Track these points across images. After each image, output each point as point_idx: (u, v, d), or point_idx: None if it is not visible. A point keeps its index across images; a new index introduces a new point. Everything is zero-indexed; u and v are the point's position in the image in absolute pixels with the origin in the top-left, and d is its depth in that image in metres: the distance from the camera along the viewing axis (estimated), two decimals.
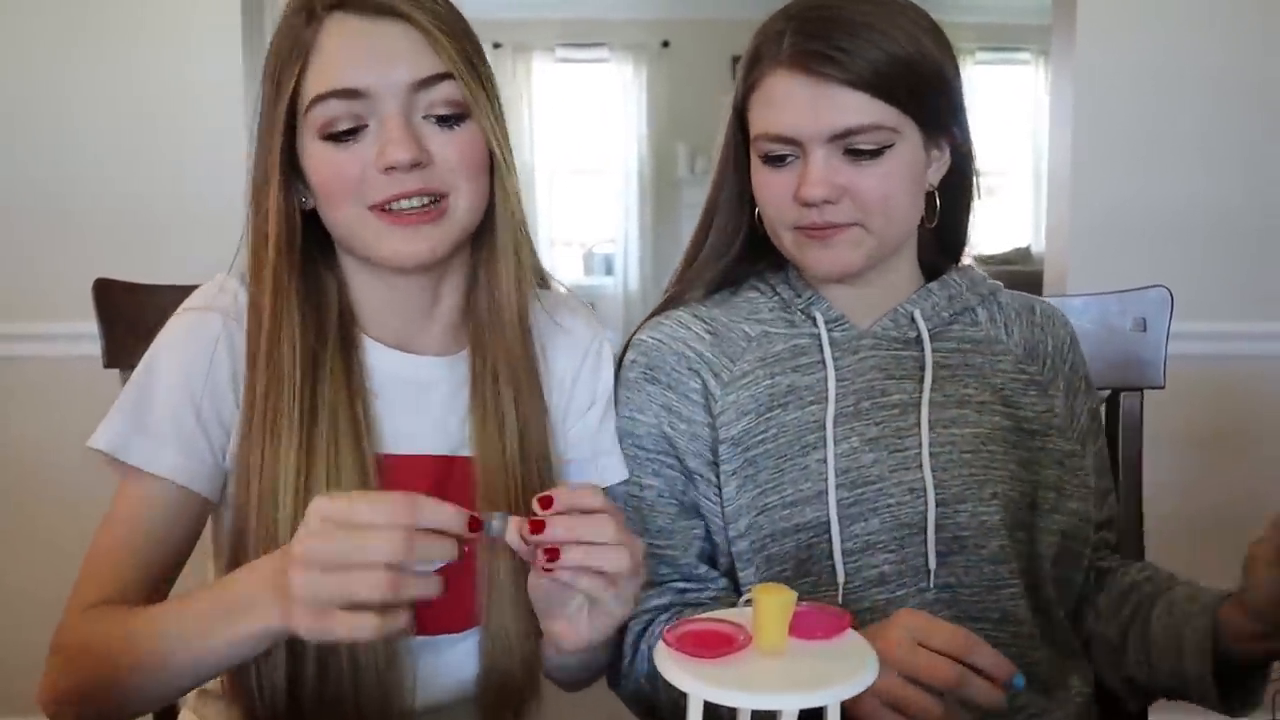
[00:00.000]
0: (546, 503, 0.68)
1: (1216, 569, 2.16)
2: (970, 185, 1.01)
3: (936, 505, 0.92)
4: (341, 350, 0.87)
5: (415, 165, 0.81)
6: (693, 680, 0.53)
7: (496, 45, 6.90)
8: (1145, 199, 2.12)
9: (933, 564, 0.93)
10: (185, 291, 1.16)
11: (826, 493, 0.92)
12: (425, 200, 0.83)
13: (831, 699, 0.53)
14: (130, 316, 1.18)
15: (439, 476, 0.90)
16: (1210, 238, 2.12)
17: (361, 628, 0.62)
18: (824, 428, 0.94)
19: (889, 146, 0.89)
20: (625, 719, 1.03)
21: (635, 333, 1.04)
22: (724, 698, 0.52)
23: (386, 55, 0.81)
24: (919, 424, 0.94)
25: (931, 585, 0.93)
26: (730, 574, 0.98)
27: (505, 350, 0.91)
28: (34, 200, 2.01)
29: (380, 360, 0.90)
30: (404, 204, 0.83)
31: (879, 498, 0.93)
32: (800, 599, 0.57)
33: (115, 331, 1.17)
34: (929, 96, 0.91)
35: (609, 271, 7.54)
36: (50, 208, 2.01)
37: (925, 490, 0.92)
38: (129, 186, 2.01)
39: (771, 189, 0.93)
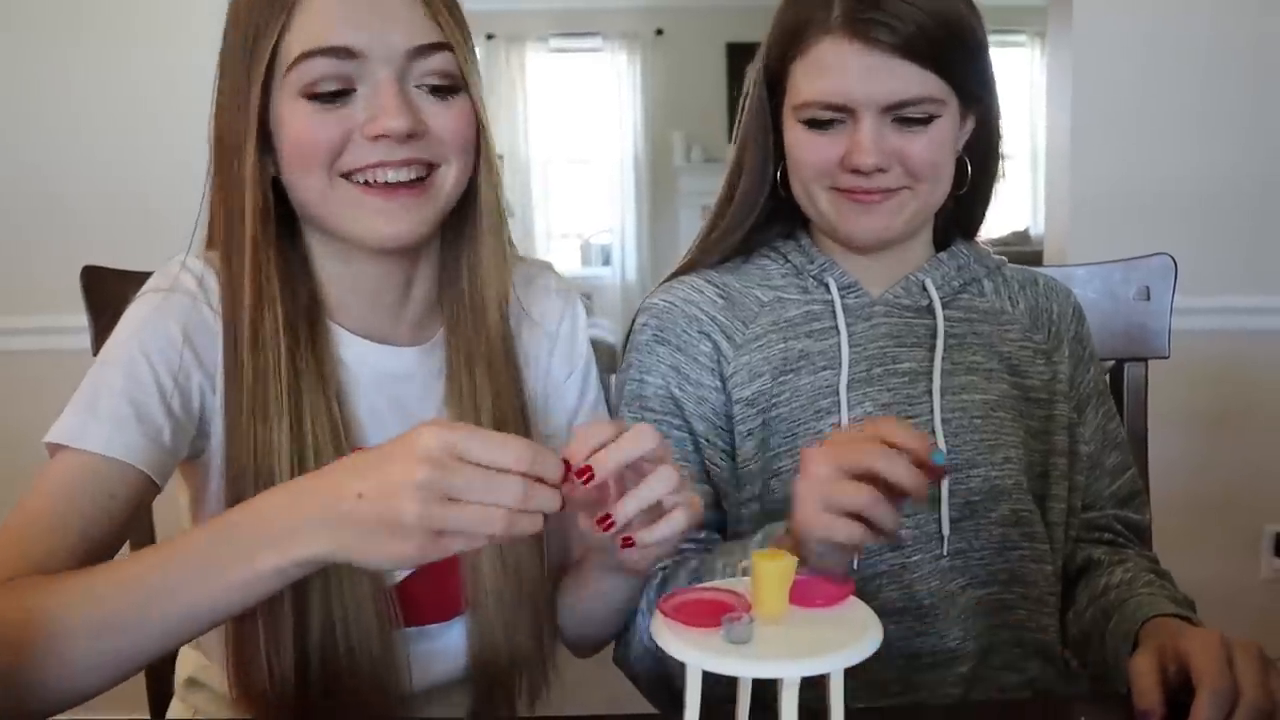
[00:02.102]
0: (585, 474, 0.63)
1: (1220, 542, 2.15)
2: (994, 156, 1.01)
3: (950, 471, 0.91)
4: (312, 340, 0.82)
5: (410, 136, 0.77)
6: (691, 650, 0.52)
7: (490, 36, 6.87)
8: (1144, 174, 2.10)
9: (946, 530, 0.92)
10: None
11: None
12: (414, 174, 0.78)
13: (834, 666, 0.52)
14: (120, 304, 1.15)
15: None
16: (1210, 212, 2.10)
17: (474, 538, 0.60)
18: (837, 393, 0.94)
19: (937, 117, 0.91)
20: (625, 703, 1.01)
21: (647, 297, 1.03)
22: (723, 667, 0.51)
23: (383, 16, 0.76)
24: (930, 391, 0.94)
25: (945, 551, 0.93)
26: None
27: (486, 336, 0.87)
28: (26, 194, 2.00)
29: (351, 351, 0.86)
30: (390, 175, 0.78)
31: None
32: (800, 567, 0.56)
33: (104, 320, 1.14)
34: (967, 65, 0.92)
35: (606, 262, 7.52)
36: (43, 201, 2.00)
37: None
38: (123, 180, 2.00)
39: (815, 152, 0.93)
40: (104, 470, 0.74)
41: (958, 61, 0.90)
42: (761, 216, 1.01)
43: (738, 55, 7.06)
